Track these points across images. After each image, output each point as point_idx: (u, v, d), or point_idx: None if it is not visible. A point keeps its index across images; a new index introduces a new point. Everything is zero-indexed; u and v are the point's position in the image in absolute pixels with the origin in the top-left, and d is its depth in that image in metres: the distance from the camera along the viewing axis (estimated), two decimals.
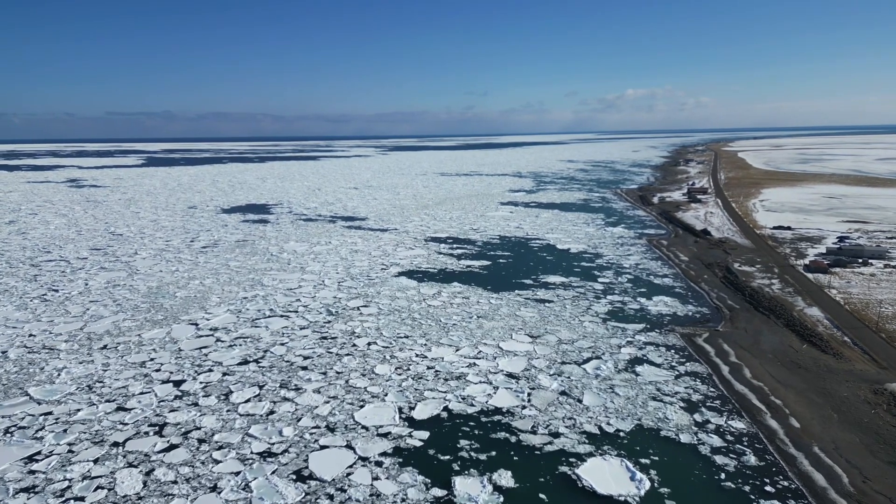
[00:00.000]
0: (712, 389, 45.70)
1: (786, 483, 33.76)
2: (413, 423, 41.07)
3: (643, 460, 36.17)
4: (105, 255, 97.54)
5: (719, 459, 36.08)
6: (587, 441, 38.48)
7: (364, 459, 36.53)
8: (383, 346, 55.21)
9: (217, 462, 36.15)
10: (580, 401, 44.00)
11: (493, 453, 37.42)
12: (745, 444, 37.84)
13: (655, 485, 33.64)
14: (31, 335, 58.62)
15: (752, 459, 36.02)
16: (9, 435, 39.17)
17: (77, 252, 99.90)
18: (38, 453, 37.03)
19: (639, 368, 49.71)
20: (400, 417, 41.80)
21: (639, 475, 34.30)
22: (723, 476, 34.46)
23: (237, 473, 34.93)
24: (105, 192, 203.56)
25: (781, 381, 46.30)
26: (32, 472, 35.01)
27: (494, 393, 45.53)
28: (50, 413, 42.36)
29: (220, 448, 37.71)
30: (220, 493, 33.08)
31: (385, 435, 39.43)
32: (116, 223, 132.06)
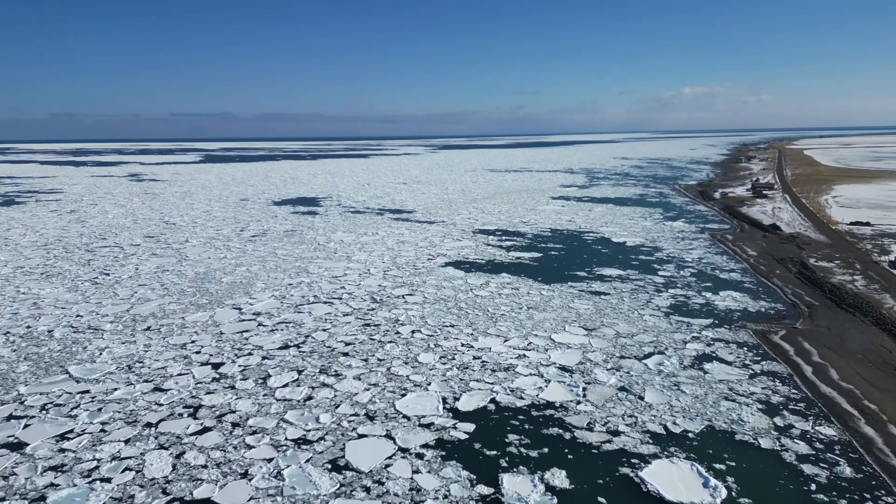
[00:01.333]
0: (794, 391, 40.74)
1: (890, 499, 28.90)
2: (457, 415, 38.02)
3: (717, 465, 31.97)
4: (157, 242, 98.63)
5: (807, 469, 31.49)
6: (651, 441, 34.51)
7: (404, 451, 33.71)
8: (427, 335, 52.41)
9: (250, 447, 34.04)
10: (641, 398, 39.95)
11: (545, 450, 33.95)
12: (837, 452, 33.04)
13: (733, 493, 29.42)
14: (78, 316, 58.62)
15: (846, 470, 31.27)
16: (44, 412, 38.25)
17: (131, 239, 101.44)
18: (71, 431, 35.84)
19: (707, 366, 45.13)
20: (444, 408, 38.79)
21: (713, 481, 30.16)
22: (813, 487, 29.91)
23: (269, 460, 32.71)
24: (163, 185, 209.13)
25: (875, 385, 40.90)
26: (63, 450, 33.75)
27: (546, 386, 42.00)
28: (87, 391, 41.37)
29: (254, 433, 35.64)
30: (250, 479, 30.89)
31: (427, 426, 36.51)
32: (171, 213, 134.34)
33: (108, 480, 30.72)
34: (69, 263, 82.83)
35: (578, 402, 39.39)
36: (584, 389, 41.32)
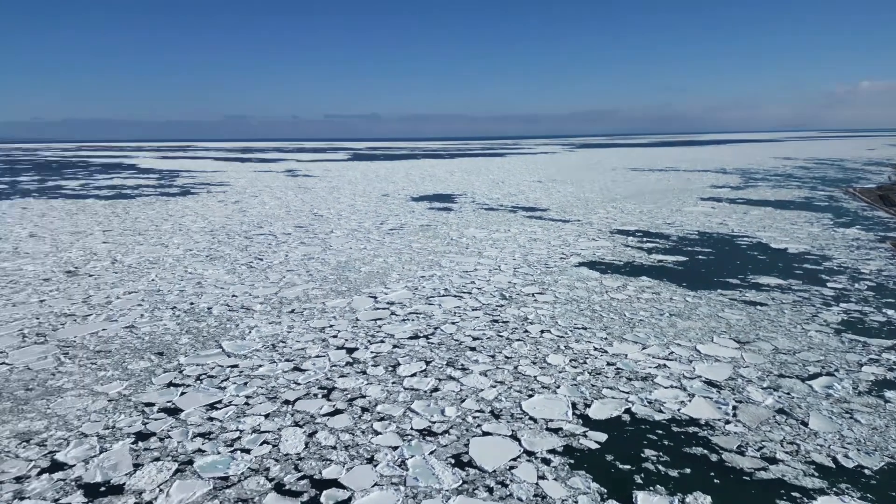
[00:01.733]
0: None
1: None
2: (588, 422, 35.65)
3: None
4: (306, 232, 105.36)
5: None
6: (816, 474, 29.86)
7: (530, 454, 32.14)
8: (558, 336, 50.20)
9: (377, 433, 34.40)
10: (805, 423, 34.90)
11: (687, 470, 30.66)
12: None
13: None
14: (233, 296, 63.83)
15: None
16: (199, 382, 41.73)
17: (283, 228, 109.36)
18: (219, 402, 38.62)
19: (889, 394, 38.45)
20: (573, 413, 36.58)
21: None
22: None
23: (395, 448, 32.76)
24: (314, 180, 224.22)
25: None
26: (211, 419, 36.40)
27: (689, 401, 38.19)
28: (236, 366, 44.55)
29: (382, 419, 36.00)
30: (375, 465, 31.09)
31: (555, 430, 34.59)
32: (319, 206, 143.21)
33: (248, 451, 32.53)
34: (230, 248, 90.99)
35: (727, 422, 35.30)
36: (734, 408, 37.00)
